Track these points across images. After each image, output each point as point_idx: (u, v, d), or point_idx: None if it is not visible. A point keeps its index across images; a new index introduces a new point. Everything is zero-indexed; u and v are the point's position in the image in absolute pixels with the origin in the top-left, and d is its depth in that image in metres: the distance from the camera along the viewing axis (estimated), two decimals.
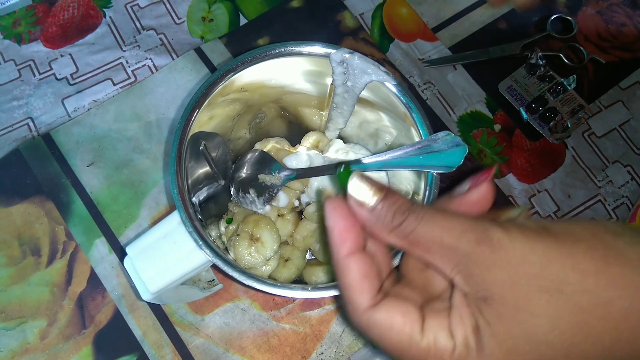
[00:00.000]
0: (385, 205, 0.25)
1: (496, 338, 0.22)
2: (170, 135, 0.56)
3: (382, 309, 0.24)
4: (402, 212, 0.25)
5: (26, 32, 0.60)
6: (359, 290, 0.25)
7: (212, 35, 0.62)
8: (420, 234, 0.24)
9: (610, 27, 0.65)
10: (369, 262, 0.25)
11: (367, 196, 0.25)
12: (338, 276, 0.26)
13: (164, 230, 0.37)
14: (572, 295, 0.21)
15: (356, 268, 0.25)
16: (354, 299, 0.25)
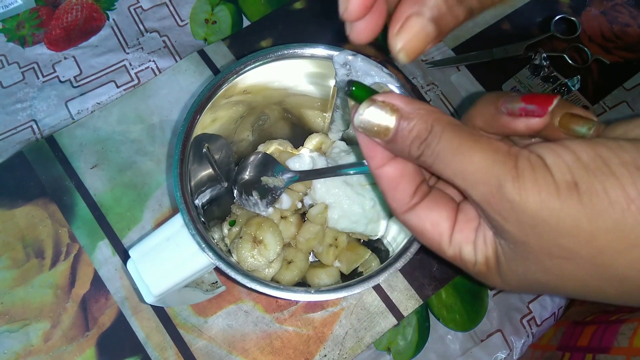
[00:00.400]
0: (399, 138, 0.24)
1: (514, 271, 0.23)
2: (173, 137, 0.56)
3: (414, 216, 0.26)
4: (417, 144, 0.24)
5: (30, 35, 0.60)
6: (391, 197, 0.26)
7: (215, 37, 0.62)
8: (440, 169, 0.23)
9: (614, 28, 0.65)
10: (399, 171, 0.26)
11: (381, 125, 0.24)
12: (378, 186, 0.27)
13: (167, 233, 0.37)
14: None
15: (386, 178, 0.26)
16: (390, 204, 0.26)
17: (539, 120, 0.23)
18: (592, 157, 0.20)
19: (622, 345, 0.43)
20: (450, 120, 0.23)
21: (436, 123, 0.23)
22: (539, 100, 0.23)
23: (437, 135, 0.23)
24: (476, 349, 0.51)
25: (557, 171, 0.20)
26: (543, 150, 0.21)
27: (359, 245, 0.48)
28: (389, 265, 0.36)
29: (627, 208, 0.19)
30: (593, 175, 0.19)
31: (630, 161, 0.19)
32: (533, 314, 0.52)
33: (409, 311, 0.51)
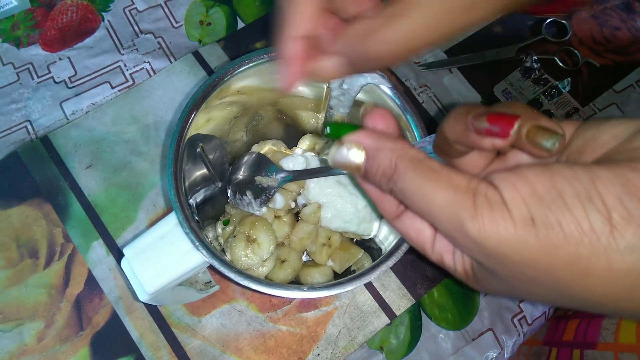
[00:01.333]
0: (369, 175, 0.26)
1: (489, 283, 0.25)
2: (167, 137, 0.57)
3: (400, 223, 0.28)
4: (385, 181, 0.25)
5: (25, 36, 0.61)
6: (380, 207, 0.28)
7: (210, 38, 0.62)
8: (408, 204, 0.25)
9: (604, 31, 0.66)
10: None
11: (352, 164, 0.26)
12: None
13: (161, 232, 0.37)
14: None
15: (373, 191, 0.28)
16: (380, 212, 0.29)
17: (502, 141, 0.24)
18: (547, 189, 0.20)
19: (608, 341, 0.43)
20: (413, 157, 0.24)
21: (399, 160, 0.24)
22: (502, 122, 0.23)
23: (400, 174, 0.24)
24: (468, 348, 0.51)
25: (513, 206, 0.21)
26: (501, 183, 0.22)
27: (351, 244, 0.48)
28: (381, 263, 0.36)
29: (580, 241, 0.19)
30: (548, 209, 0.20)
31: (583, 193, 0.20)
32: (524, 313, 0.53)
33: (402, 310, 0.51)
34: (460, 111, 0.26)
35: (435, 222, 0.23)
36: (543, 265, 0.21)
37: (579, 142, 0.24)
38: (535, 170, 0.21)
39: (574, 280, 0.20)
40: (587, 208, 0.19)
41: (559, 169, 0.21)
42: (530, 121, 0.24)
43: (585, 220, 0.19)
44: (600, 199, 0.19)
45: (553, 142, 0.23)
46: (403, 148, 0.24)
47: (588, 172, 0.20)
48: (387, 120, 0.27)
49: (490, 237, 0.21)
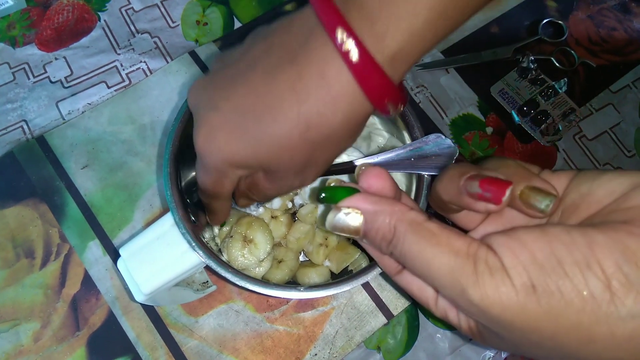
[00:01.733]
0: (369, 238, 0.26)
1: (494, 342, 0.25)
2: (164, 137, 0.56)
3: (402, 279, 0.28)
4: (385, 245, 0.25)
5: (20, 35, 0.60)
6: (381, 263, 0.29)
7: (207, 38, 0.62)
8: (409, 268, 0.25)
9: (601, 31, 0.66)
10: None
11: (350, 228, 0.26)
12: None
13: (157, 232, 0.37)
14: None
15: (372, 250, 0.28)
16: (381, 267, 0.29)
17: (495, 206, 0.24)
18: (546, 255, 0.21)
19: None
20: (412, 220, 0.24)
21: (399, 224, 0.24)
22: (494, 188, 0.24)
23: (400, 238, 0.24)
24: (465, 348, 0.51)
25: (514, 273, 0.21)
26: (500, 248, 0.22)
27: (348, 244, 0.48)
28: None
29: (582, 309, 0.20)
30: (548, 276, 0.20)
31: (581, 260, 0.20)
32: None
33: (399, 310, 0.51)
34: (453, 173, 0.26)
35: (437, 286, 0.23)
36: (547, 332, 0.21)
37: (574, 196, 0.24)
38: (533, 235, 0.21)
39: (578, 346, 0.21)
40: (586, 275, 0.20)
41: (556, 234, 0.21)
42: (524, 182, 0.24)
43: (585, 287, 0.20)
44: (599, 266, 0.20)
45: (547, 204, 0.24)
46: (401, 211, 0.24)
47: (585, 236, 0.21)
48: (383, 180, 0.27)
49: (493, 304, 0.21)
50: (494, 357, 0.51)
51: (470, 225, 0.29)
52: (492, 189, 0.24)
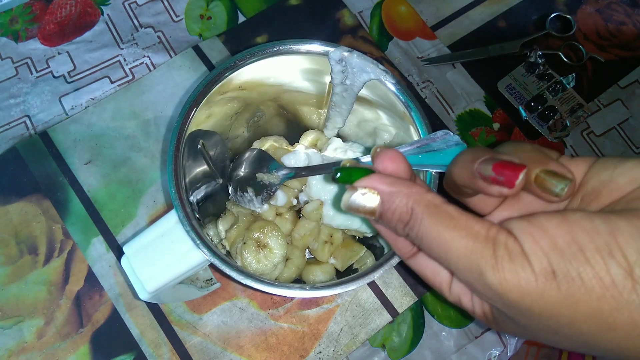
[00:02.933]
0: (385, 219, 0.25)
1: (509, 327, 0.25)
2: (167, 133, 0.56)
3: (415, 263, 0.28)
4: (402, 226, 0.25)
5: (23, 30, 0.60)
6: (394, 246, 0.28)
7: (210, 33, 0.61)
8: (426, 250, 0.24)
9: (609, 26, 0.65)
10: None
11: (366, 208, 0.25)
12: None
13: (161, 229, 0.37)
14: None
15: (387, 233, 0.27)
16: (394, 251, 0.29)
17: (509, 190, 0.24)
18: (567, 242, 0.20)
19: None
20: (430, 202, 0.24)
21: (416, 206, 0.24)
22: (507, 171, 0.23)
23: (417, 220, 0.24)
24: (470, 346, 0.51)
25: (534, 259, 0.20)
26: (520, 234, 0.21)
27: (354, 242, 0.48)
28: (384, 262, 0.36)
29: (602, 296, 0.19)
30: (569, 262, 0.20)
31: (603, 247, 0.20)
32: None
33: (404, 308, 0.51)
34: (467, 157, 0.26)
35: (454, 269, 0.23)
36: (566, 318, 0.20)
37: (594, 183, 0.24)
38: (553, 221, 0.21)
39: (597, 333, 0.20)
40: (608, 262, 0.19)
41: (578, 221, 0.21)
42: (539, 166, 0.24)
43: (607, 274, 0.19)
44: (621, 253, 0.19)
45: (562, 188, 0.23)
46: (419, 193, 0.24)
47: (608, 223, 0.20)
48: (398, 162, 0.26)
49: (511, 289, 0.21)
50: (499, 355, 0.51)
51: (486, 210, 0.28)
52: (505, 172, 0.23)
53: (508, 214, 0.27)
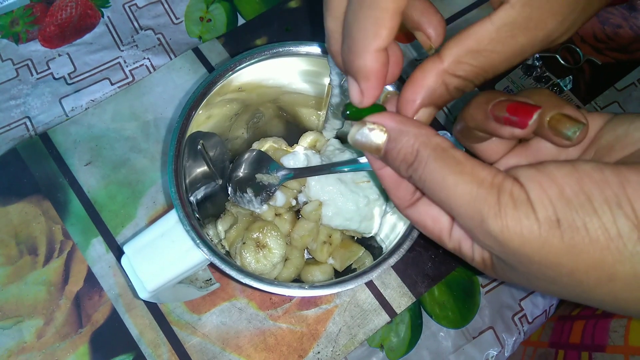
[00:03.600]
0: (389, 158, 0.25)
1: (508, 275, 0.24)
2: (167, 134, 0.56)
3: (415, 212, 0.27)
4: (405, 167, 0.24)
5: (24, 32, 0.60)
6: (394, 194, 0.28)
7: (210, 35, 0.62)
8: (428, 193, 0.24)
9: (606, 29, 0.66)
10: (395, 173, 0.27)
11: (372, 145, 0.25)
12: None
13: (161, 229, 0.37)
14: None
15: (387, 178, 0.27)
16: (392, 200, 0.28)
17: (521, 130, 0.24)
18: (575, 192, 0.20)
19: (617, 344, 0.43)
20: (437, 145, 0.23)
21: (422, 147, 0.23)
22: (521, 112, 0.23)
23: (422, 162, 0.23)
24: (468, 346, 0.51)
25: (540, 208, 0.20)
26: (527, 182, 0.21)
27: (352, 242, 0.48)
28: (382, 261, 0.36)
29: (606, 247, 0.19)
30: (575, 212, 0.20)
31: (612, 198, 0.19)
32: (525, 312, 0.53)
33: (402, 308, 0.51)
34: (481, 99, 0.26)
35: (455, 214, 0.23)
36: (566, 268, 0.20)
37: (609, 138, 0.24)
38: (563, 170, 0.21)
39: (596, 284, 0.20)
40: (616, 214, 0.19)
41: (587, 171, 0.20)
42: (555, 109, 0.24)
43: (613, 226, 0.19)
44: (630, 205, 0.19)
45: (574, 131, 0.23)
46: (427, 135, 0.24)
47: (618, 175, 0.20)
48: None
49: (513, 237, 0.21)
50: (497, 355, 0.51)
51: (494, 157, 0.28)
52: (519, 112, 0.23)
53: (515, 162, 0.27)
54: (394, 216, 0.45)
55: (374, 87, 0.26)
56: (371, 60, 0.25)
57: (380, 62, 0.25)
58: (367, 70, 0.25)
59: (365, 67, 0.25)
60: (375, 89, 0.26)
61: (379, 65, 0.25)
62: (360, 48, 0.25)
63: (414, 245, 0.37)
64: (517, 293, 0.53)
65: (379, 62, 0.25)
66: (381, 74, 0.25)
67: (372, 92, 0.26)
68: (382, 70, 0.25)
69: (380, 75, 0.25)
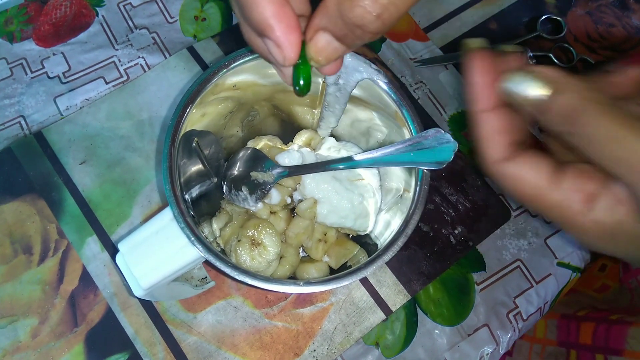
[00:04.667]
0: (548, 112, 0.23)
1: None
2: (162, 133, 0.56)
3: (513, 163, 0.25)
4: (567, 123, 0.23)
5: (18, 31, 0.60)
6: (490, 143, 0.25)
7: (205, 34, 0.62)
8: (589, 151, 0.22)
9: (599, 28, 0.66)
10: (504, 118, 0.25)
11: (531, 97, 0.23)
12: (473, 129, 0.26)
13: (156, 227, 0.37)
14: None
15: (489, 123, 0.25)
16: (484, 151, 0.26)
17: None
18: None
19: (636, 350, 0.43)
20: (606, 101, 0.22)
21: (591, 104, 0.22)
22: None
23: (590, 118, 0.22)
24: (463, 344, 0.51)
25: None
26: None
27: (347, 240, 0.48)
28: (377, 257, 0.36)
29: None
30: None
31: None
32: (519, 309, 0.53)
33: (397, 306, 0.51)
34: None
35: (628, 173, 0.21)
36: None
37: None
38: None
39: None
40: None
41: None
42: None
43: None
44: None
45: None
46: (593, 89, 0.22)
47: None
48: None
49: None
50: (492, 353, 0.51)
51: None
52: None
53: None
54: (388, 214, 0.45)
55: (285, 34, 0.24)
56: (264, 5, 0.23)
57: (277, 4, 0.23)
58: (267, 18, 0.23)
59: (263, 15, 0.23)
60: (289, 34, 0.24)
61: (277, 7, 0.23)
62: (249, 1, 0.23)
63: (409, 243, 0.37)
64: (512, 290, 0.54)
65: (276, 4, 0.23)
66: (285, 15, 0.23)
67: (288, 39, 0.24)
68: (283, 11, 0.23)
69: (284, 16, 0.23)
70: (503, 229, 0.56)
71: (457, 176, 0.57)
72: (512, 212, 0.56)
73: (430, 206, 0.55)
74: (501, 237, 0.55)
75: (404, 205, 0.41)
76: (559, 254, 0.55)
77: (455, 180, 0.57)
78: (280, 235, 0.44)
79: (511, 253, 0.55)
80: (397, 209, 0.43)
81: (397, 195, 0.44)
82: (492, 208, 0.56)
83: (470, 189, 0.56)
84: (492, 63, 0.25)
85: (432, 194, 0.56)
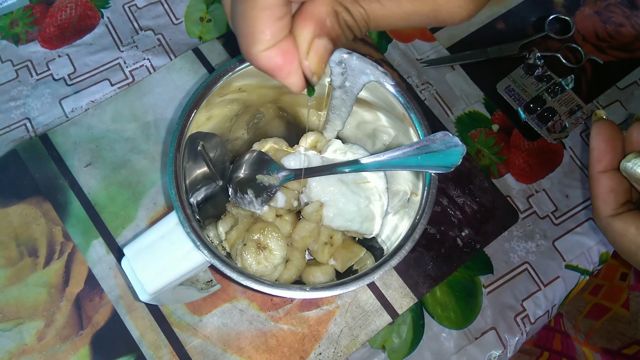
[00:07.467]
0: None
1: None
2: (168, 135, 0.56)
3: (619, 219, 0.30)
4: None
5: (23, 33, 0.60)
6: (603, 200, 0.30)
7: (210, 35, 0.62)
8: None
9: (608, 27, 0.66)
10: (618, 180, 0.30)
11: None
12: (590, 187, 0.31)
13: (161, 231, 0.37)
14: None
15: (605, 183, 0.30)
16: (597, 206, 0.31)
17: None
18: None
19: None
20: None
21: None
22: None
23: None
24: (470, 347, 0.51)
25: None
26: None
27: (354, 243, 0.48)
28: (384, 262, 0.36)
29: None
30: None
31: None
32: (527, 312, 0.52)
33: (404, 309, 0.51)
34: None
35: None
36: None
37: None
38: None
39: None
40: None
41: None
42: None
43: None
44: None
45: None
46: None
47: None
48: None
49: None
50: (499, 356, 0.51)
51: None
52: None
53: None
54: (395, 217, 0.45)
55: (289, 73, 0.24)
56: (266, 59, 0.23)
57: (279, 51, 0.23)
58: (271, 66, 0.24)
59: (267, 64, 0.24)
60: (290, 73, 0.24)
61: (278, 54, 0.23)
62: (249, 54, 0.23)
63: (416, 245, 0.36)
64: (520, 293, 0.53)
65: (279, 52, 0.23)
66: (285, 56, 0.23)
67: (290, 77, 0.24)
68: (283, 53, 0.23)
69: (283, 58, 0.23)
70: (511, 231, 0.55)
71: (464, 178, 0.56)
72: (519, 214, 0.56)
73: (437, 208, 0.55)
74: (509, 240, 0.55)
75: (411, 208, 0.41)
76: (567, 256, 0.55)
77: (463, 182, 0.56)
78: (286, 239, 0.44)
79: (519, 255, 0.54)
80: (405, 212, 0.43)
81: (404, 198, 0.44)
82: (499, 210, 0.55)
83: (477, 191, 0.56)
84: (614, 133, 0.31)
85: (439, 196, 0.55)
